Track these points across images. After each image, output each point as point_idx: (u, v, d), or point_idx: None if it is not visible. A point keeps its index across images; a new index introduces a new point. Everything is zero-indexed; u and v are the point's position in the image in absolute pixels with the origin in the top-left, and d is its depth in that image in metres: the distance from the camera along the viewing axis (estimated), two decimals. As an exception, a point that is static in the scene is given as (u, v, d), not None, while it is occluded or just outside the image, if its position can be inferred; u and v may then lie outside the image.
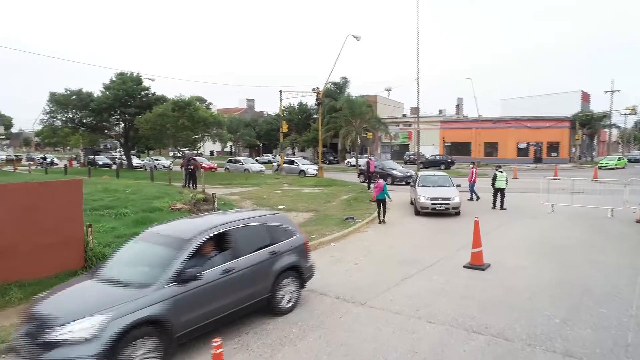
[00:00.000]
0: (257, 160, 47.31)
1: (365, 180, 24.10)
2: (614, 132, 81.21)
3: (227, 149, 75.61)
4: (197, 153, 40.83)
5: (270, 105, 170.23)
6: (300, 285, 7.03)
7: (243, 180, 27.67)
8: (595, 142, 67.40)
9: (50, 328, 4.51)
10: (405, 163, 45.65)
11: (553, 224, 13.73)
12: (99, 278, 5.48)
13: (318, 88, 33.36)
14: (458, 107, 77.73)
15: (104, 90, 36.09)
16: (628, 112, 52.64)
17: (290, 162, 36.07)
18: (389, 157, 53.25)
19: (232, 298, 5.81)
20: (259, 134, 65.44)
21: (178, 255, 5.41)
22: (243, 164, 38.31)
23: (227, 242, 6.06)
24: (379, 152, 58.49)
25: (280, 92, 34.71)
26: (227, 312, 5.78)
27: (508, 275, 8.46)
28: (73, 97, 35.25)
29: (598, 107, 62.13)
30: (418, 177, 17.59)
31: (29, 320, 4.89)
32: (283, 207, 16.73)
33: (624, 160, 46.54)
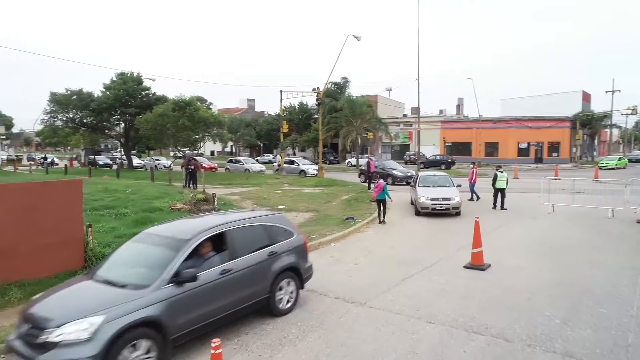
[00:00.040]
0: (257, 160, 47.33)
1: (366, 181, 24.11)
2: (615, 132, 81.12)
3: (227, 149, 75.64)
4: (197, 153, 40.85)
5: (271, 105, 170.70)
6: (299, 286, 6.99)
7: (243, 180, 27.68)
8: (596, 142, 67.36)
9: (46, 329, 4.49)
10: (406, 163, 45.65)
11: (553, 224, 13.72)
12: (96, 279, 5.45)
13: (318, 88, 33.36)
14: (459, 107, 77.66)
15: (105, 90, 36.13)
16: (629, 112, 52.57)
17: (291, 162, 36.07)
18: (390, 157, 53.29)
19: (230, 299, 5.78)
20: (260, 134, 65.43)
21: (175, 256, 5.38)
22: (243, 164, 38.34)
23: (225, 242, 6.02)
24: (380, 152, 58.46)
25: (281, 92, 34.72)
26: (225, 313, 5.74)
27: (508, 276, 8.46)
28: (73, 97, 35.29)
29: (598, 107, 61.94)
30: (418, 177, 17.56)
31: (25, 321, 4.86)
32: (283, 207, 16.73)
33: (625, 161, 46.47)
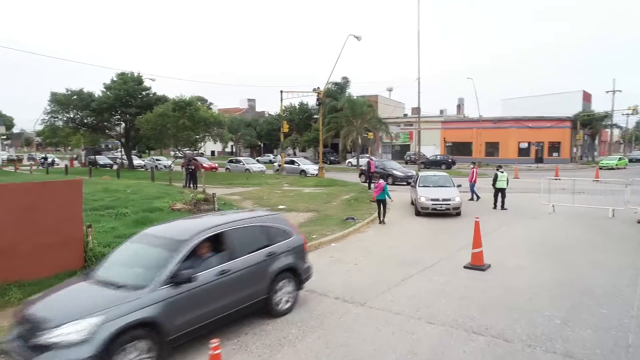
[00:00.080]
0: (258, 160, 47.33)
1: (366, 181, 24.10)
2: (616, 132, 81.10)
3: (228, 149, 75.64)
4: (198, 153, 40.85)
5: (272, 105, 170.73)
6: (298, 287, 6.97)
7: (244, 181, 27.67)
8: (597, 142, 67.29)
9: (43, 330, 4.47)
10: (406, 163, 45.62)
11: (554, 224, 13.70)
12: (93, 280, 5.43)
13: (319, 88, 33.34)
14: (459, 107, 77.63)
15: (105, 90, 36.13)
16: (630, 112, 52.50)
17: (291, 162, 36.06)
18: (390, 157, 53.27)
19: (228, 300, 5.76)
20: (260, 134, 65.41)
21: (173, 257, 5.36)
22: (244, 164, 38.34)
23: (223, 243, 6.00)
24: (380, 152, 58.45)
25: (281, 92, 34.68)
26: (222, 314, 5.72)
27: (508, 276, 8.44)
28: (74, 97, 35.30)
29: (599, 107, 61.92)
30: (418, 177, 17.54)
31: (22, 322, 4.84)
32: (283, 207, 16.72)
33: (625, 161, 46.40)
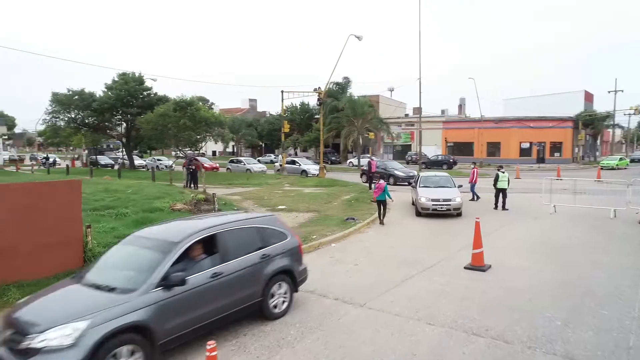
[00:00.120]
0: (259, 161, 47.32)
1: (368, 181, 24.07)
2: (618, 132, 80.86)
3: (229, 149, 75.67)
4: (199, 153, 40.86)
5: (273, 105, 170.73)
6: (293, 289, 6.86)
7: (244, 181, 27.65)
8: (599, 142, 67.13)
9: (29, 335, 4.38)
10: (408, 163, 45.55)
11: (555, 225, 13.65)
12: (83, 282, 5.33)
13: (320, 88, 33.31)
14: (460, 107, 77.51)
15: (106, 91, 36.20)
16: (632, 112, 52.34)
17: (292, 162, 36.05)
18: (391, 157, 53.31)
19: (220, 303, 5.66)
20: (261, 134, 65.43)
21: (164, 259, 5.27)
22: (245, 164, 38.35)
23: (216, 245, 5.89)
24: (381, 152, 58.40)
25: (282, 92, 34.65)
26: (215, 317, 5.62)
27: (509, 276, 8.40)
28: (75, 97, 35.38)
29: (601, 107, 61.78)
30: (419, 177, 17.49)
31: (9, 326, 4.74)
32: (284, 207, 16.70)
33: (626, 161, 46.24)
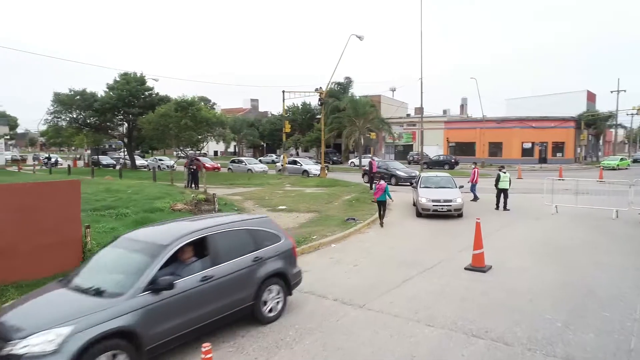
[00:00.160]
0: (260, 161, 47.34)
1: (369, 181, 24.03)
2: (620, 132, 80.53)
3: (230, 149, 75.71)
4: (201, 153, 40.88)
5: (274, 105, 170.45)
6: (287, 293, 6.77)
7: (245, 181, 27.63)
8: (601, 142, 66.90)
9: (11, 341, 4.29)
10: (409, 163, 45.48)
11: (556, 225, 13.58)
12: (70, 286, 5.23)
13: (321, 88, 33.24)
14: (462, 107, 77.42)
15: (108, 91, 36.23)
16: (634, 112, 52.12)
17: (294, 162, 36.05)
18: (393, 157, 53.23)
19: (211, 307, 5.56)
20: (263, 134, 65.45)
21: (152, 263, 5.18)
22: (246, 164, 38.36)
23: (206, 248, 5.80)
24: (383, 152, 58.36)
25: (283, 92, 34.57)
26: (205, 322, 5.52)
27: (509, 278, 8.35)
28: (77, 97, 35.43)
29: (602, 107, 61.55)
30: (420, 178, 17.42)
31: None
32: (284, 207, 16.67)
33: (627, 161, 46.03)
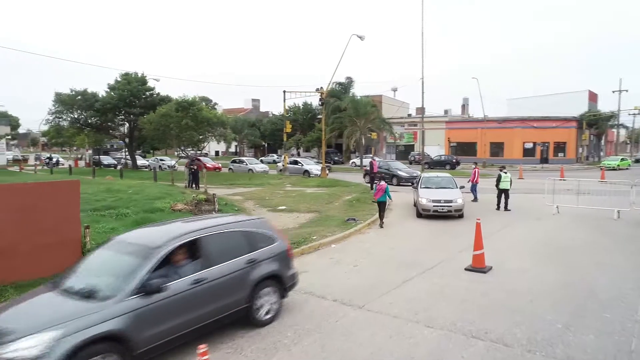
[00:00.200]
0: (261, 161, 47.33)
1: (370, 181, 24.00)
2: (622, 132, 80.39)
3: (232, 149, 75.74)
4: (202, 153, 40.88)
5: (276, 105, 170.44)
6: (282, 295, 6.70)
7: (246, 181, 27.62)
8: (603, 142, 66.75)
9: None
10: (411, 163, 45.41)
11: (558, 225, 13.53)
12: (60, 289, 5.17)
13: (322, 88, 33.20)
14: (464, 107, 77.30)
15: (109, 91, 36.25)
16: (636, 111, 52.06)
17: (295, 162, 36.04)
18: (394, 157, 53.15)
19: (203, 310, 5.50)
20: (264, 134, 65.44)
21: (143, 265, 5.12)
22: (247, 164, 38.37)
23: (199, 250, 5.74)
24: (384, 152, 58.30)
25: (284, 92, 34.54)
26: (197, 325, 5.45)
27: (510, 278, 8.32)
28: (78, 97, 35.46)
29: (604, 107, 61.53)
30: (420, 178, 17.38)
31: None
32: (284, 207, 16.66)
33: (628, 161, 45.83)
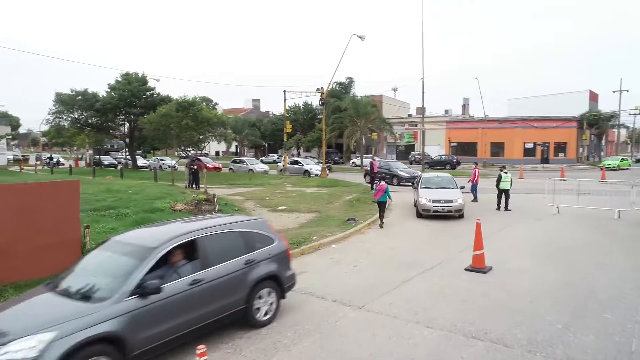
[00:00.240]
0: (262, 161, 47.34)
1: (371, 181, 24.00)
2: (623, 132, 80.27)
3: (232, 149, 75.73)
4: (202, 153, 40.88)
5: (276, 105, 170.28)
6: (280, 296, 6.66)
7: (246, 181, 27.62)
8: (604, 142, 66.67)
9: None
10: (411, 163, 45.39)
11: (558, 226, 13.51)
12: (56, 290, 5.13)
13: (322, 88, 33.19)
14: (464, 107, 77.28)
15: (109, 91, 36.26)
16: (637, 111, 51.97)
17: (295, 162, 36.03)
18: (395, 157, 53.15)
19: (201, 311, 5.46)
20: (264, 134, 65.44)
21: (140, 266, 5.07)
22: (247, 164, 38.37)
23: (196, 251, 5.70)
24: (385, 152, 58.28)
25: (284, 92, 34.56)
26: (195, 326, 5.41)
27: (510, 278, 8.30)
28: (78, 97, 35.45)
29: (604, 107, 61.43)
30: (420, 178, 17.36)
31: None
32: (285, 207, 16.65)
33: (628, 161, 45.73)
